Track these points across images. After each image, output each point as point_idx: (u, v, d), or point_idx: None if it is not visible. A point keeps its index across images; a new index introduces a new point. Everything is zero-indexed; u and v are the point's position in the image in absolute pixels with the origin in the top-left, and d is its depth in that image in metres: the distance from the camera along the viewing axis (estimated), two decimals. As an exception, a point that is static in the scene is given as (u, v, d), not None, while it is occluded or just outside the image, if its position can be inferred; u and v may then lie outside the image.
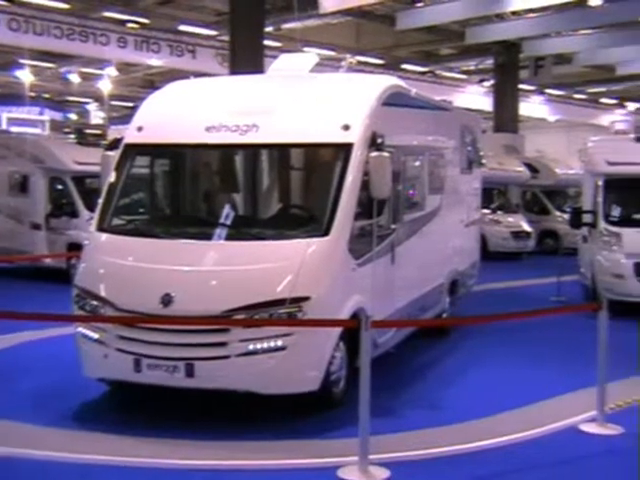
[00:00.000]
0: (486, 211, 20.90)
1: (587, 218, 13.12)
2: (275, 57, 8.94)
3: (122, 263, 6.74)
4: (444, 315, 10.20)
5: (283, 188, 8.07)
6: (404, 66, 30.43)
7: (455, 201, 10.72)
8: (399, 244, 7.97)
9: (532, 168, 23.65)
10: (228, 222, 7.15)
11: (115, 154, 7.56)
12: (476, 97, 33.31)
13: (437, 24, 24.17)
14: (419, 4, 22.99)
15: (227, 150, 7.77)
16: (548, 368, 8.76)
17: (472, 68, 32.79)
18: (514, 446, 6.21)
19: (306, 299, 6.26)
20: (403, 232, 8.16)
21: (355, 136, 6.99)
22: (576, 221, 13.26)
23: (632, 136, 13.91)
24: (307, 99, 7.57)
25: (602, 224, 12.71)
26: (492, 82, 30.16)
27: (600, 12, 22.36)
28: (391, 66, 28.93)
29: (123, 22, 23.15)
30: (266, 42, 19.56)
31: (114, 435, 6.16)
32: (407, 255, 8.17)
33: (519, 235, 21.33)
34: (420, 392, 7.72)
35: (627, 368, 8.36)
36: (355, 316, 6.52)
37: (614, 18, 22.78)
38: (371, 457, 5.55)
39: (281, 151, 7.79)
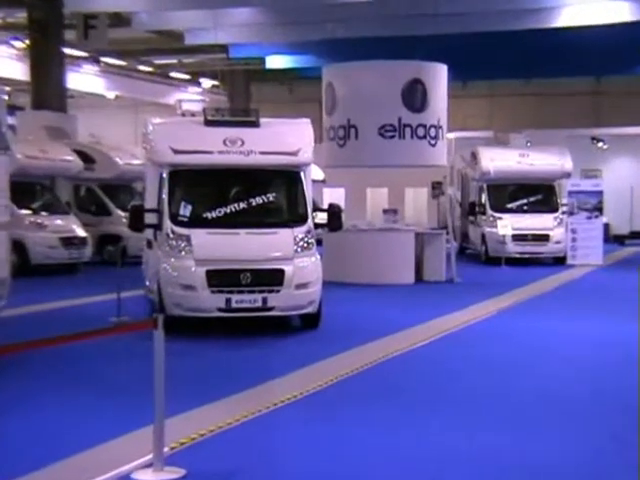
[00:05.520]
0: (26, 212, 20.76)
1: (151, 218, 13.53)
2: None
3: None
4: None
5: None
6: None
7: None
8: None
9: (87, 157, 24.02)
10: None
11: None
12: (6, 61, 32.55)
13: None
14: None
15: None
16: (105, 406, 8.95)
17: (-1, 22, 31.91)
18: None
19: None
20: None
21: None
22: (136, 222, 13.37)
23: (202, 118, 14.47)
24: None
25: (168, 225, 13.16)
26: (27, 43, 29.56)
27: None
28: None
29: None
30: None
31: None
32: None
33: (71, 242, 21.58)
34: None
35: (193, 398, 8.89)
36: None
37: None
38: None
39: None
